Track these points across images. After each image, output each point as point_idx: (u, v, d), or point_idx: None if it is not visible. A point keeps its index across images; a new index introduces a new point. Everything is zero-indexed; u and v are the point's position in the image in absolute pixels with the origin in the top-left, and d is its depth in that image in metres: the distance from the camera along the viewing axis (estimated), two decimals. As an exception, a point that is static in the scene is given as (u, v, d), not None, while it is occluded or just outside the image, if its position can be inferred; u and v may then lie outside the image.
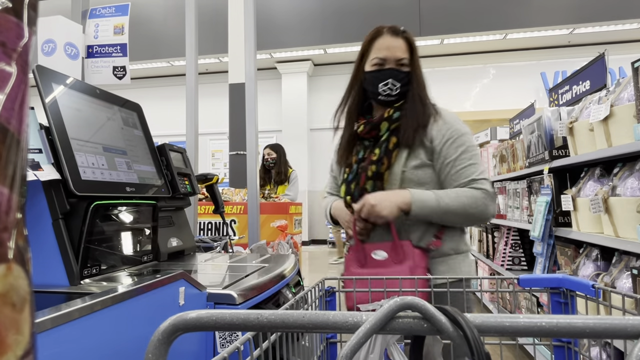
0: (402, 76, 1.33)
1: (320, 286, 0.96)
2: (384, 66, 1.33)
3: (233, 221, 3.12)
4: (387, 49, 1.32)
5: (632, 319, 0.37)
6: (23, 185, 0.26)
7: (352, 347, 0.38)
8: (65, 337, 0.66)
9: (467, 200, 1.24)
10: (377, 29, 1.37)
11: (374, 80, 1.34)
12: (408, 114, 1.32)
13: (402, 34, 1.34)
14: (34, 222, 0.94)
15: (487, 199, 1.26)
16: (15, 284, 0.25)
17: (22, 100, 0.26)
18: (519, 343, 1.02)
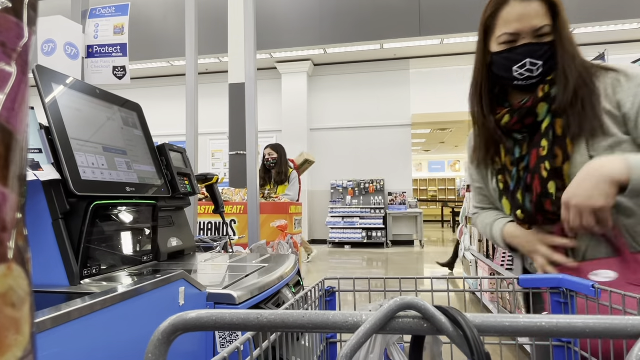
0: (542, 51, 1.01)
1: (320, 286, 0.96)
2: (517, 43, 1.03)
3: (233, 221, 3.12)
4: (518, 20, 1.01)
5: (632, 319, 0.37)
6: (23, 185, 0.26)
7: (352, 347, 0.38)
8: (65, 337, 0.66)
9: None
10: None
11: (506, 63, 1.06)
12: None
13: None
14: (34, 222, 0.94)
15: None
16: (15, 284, 0.25)
17: (22, 100, 0.26)
18: (519, 343, 1.02)
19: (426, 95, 9.71)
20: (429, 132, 12.74)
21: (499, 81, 1.13)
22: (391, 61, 9.76)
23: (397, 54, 9.37)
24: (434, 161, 20.07)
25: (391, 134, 9.79)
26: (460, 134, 12.83)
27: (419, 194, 19.25)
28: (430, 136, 13.74)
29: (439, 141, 14.99)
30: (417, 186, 19.46)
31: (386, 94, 9.87)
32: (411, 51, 9.18)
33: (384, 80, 9.85)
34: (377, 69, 9.80)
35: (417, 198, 11.17)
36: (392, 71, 9.81)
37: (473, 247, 4.82)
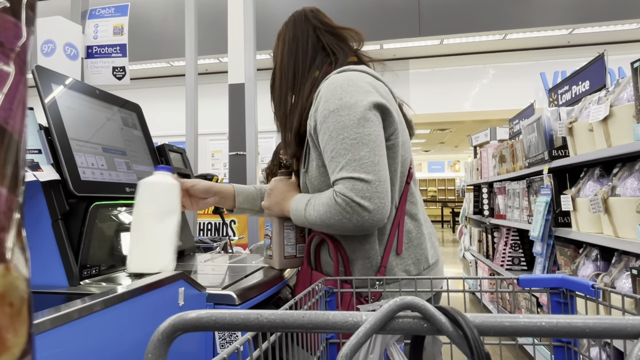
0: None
1: (320, 286, 0.96)
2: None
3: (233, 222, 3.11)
4: None
5: (631, 319, 0.37)
6: (21, 186, 0.26)
7: (352, 347, 0.38)
8: (65, 337, 0.66)
9: (324, 211, 0.97)
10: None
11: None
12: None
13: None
14: (33, 223, 0.94)
15: (344, 207, 0.93)
16: (14, 284, 0.25)
17: (21, 100, 0.26)
18: (519, 343, 1.02)
19: (426, 95, 9.71)
20: (428, 132, 12.74)
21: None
22: (391, 61, 9.76)
23: (396, 54, 9.38)
24: (433, 161, 20.07)
25: (391, 134, 9.78)
26: (460, 134, 12.83)
27: (418, 194, 19.22)
28: (430, 136, 13.75)
29: (439, 141, 14.99)
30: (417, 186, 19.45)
31: (386, 94, 9.86)
32: (411, 51, 9.18)
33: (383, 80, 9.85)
34: (376, 69, 9.80)
35: (417, 198, 11.16)
36: (392, 71, 9.80)
37: (473, 247, 4.82)
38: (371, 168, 0.93)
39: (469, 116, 9.54)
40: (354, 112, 0.96)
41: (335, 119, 0.97)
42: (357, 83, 1.01)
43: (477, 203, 4.42)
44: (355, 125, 0.95)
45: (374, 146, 0.95)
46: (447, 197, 19.32)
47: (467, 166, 5.32)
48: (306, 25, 1.18)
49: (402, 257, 1.07)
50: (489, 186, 4.08)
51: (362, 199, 0.92)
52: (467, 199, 5.23)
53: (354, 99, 0.97)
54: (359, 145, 0.94)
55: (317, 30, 1.17)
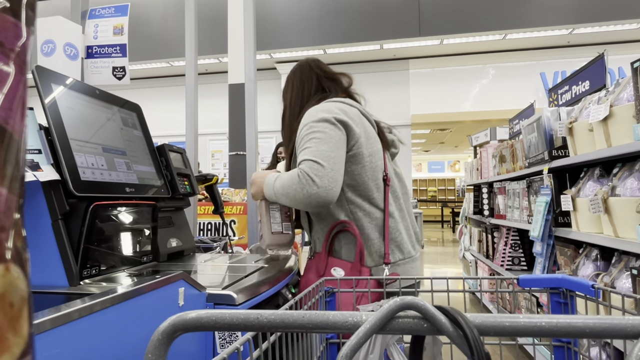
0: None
1: (320, 286, 0.96)
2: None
3: (233, 222, 3.11)
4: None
5: (631, 319, 0.37)
6: (21, 186, 0.26)
7: (352, 347, 0.38)
8: (65, 338, 0.66)
9: (286, 180, 1.26)
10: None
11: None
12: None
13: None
14: (33, 223, 0.94)
15: (302, 177, 1.21)
16: (14, 284, 0.25)
17: (21, 100, 0.26)
18: (519, 343, 1.02)
19: (426, 96, 9.71)
20: (428, 132, 12.74)
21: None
22: (391, 61, 9.76)
23: (396, 54, 9.38)
24: (433, 161, 20.07)
25: (391, 134, 9.78)
26: (460, 134, 12.84)
27: (418, 194, 19.25)
28: (430, 136, 13.75)
29: (439, 141, 14.99)
30: (417, 186, 19.47)
31: (386, 94, 9.87)
32: (411, 51, 9.18)
33: (383, 81, 9.85)
34: (376, 69, 9.80)
35: (416, 198, 11.18)
36: (392, 71, 9.81)
37: (473, 247, 4.82)
38: (327, 158, 1.22)
39: (469, 116, 9.54)
40: (321, 122, 1.29)
41: (307, 127, 1.30)
42: (328, 108, 1.33)
43: (477, 203, 4.42)
44: (320, 129, 1.27)
45: (332, 146, 1.25)
46: (447, 197, 19.32)
47: (467, 166, 5.32)
48: (310, 73, 1.52)
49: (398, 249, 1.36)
50: (489, 186, 4.08)
51: (315, 176, 1.20)
52: (467, 199, 5.23)
53: (321, 115, 1.30)
54: (321, 142, 1.25)
55: (319, 77, 1.52)
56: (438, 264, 7.60)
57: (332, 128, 1.28)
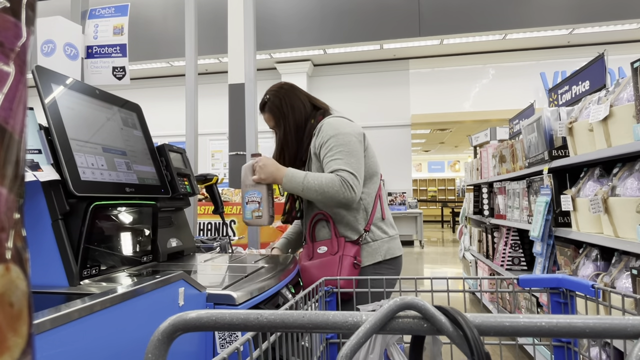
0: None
1: (320, 286, 0.96)
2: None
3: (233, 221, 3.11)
4: (265, 122, 1.76)
5: (631, 319, 0.37)
6: (21, 186, 0.26)
7: (352, 347, 0.38)
8: (65, 338, 0.66)
9: (325, 181, 1.48)
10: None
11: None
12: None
13: (262, 109, 1.74)
14: (33, 223, 0.94)
15: (343, 183, 1.48)
16: (14, 284, 0.25)
17: (20, 100, 0.26)
18: (519, 343, 1.02)
19: (426, 96, 9.72)
20: (428, 132, 12.75)
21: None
22: (391, 61, 9.76)
23: (396, 54, 9.38)
24: (433, 161, 20.07)
25: (391, 134, 9.79)
26: (460, 134, 12.84)
27: (418, 194, 19.25)
28: (430, 136, 13.75)
29: (439, 141, 15.00)
30: (417, 186, 19.46)
31: (386, 94, 9.87)
32: (411, 51, 9.19)
33: (383, 81, 9.86)
34: (376, 69, 9.80)
35: (416, 198, 11.17)
36: (392, 71, 9.81)
37: (473, 247, 4.82)
38: (358, 170, 1.51)
39: (469, 116, 9.54)
40: (349, 137, 1.55)
41: (335, 139, 1.54)
42: (345, 122, 1.62)
43: (477, 203, 4.42)
44: (346, 142, 1.53)
45: (358, 158, 1.54)
46: (447, 197, 19.32)
47: (467, 166, 5.32)
48: (298, 94, 1.72)
49: (386, 221, 1.66)
50: (489, 186, 4.08)
51: (354, 186, 1.48)
52: (467, 199, 5.23)
53: (346, 130, 1.57)
54: (350, 155, 1.52)
55: (308, 96, 1.75)
56: (438, 264, 7.60)
57: (356, 142, 1.55)
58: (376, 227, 1.61)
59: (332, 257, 1.52)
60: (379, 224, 1.62)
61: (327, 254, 1.54)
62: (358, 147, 1.55)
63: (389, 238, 1.63)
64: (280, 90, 1.71)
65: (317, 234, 1.64)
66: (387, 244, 1.61)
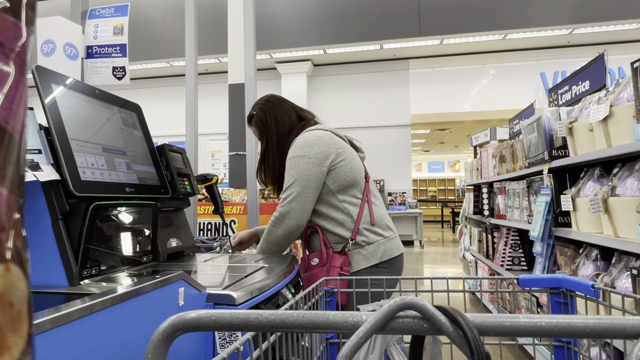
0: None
1: (320, 286, 0.96)
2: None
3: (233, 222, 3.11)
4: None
5: (632, 319, 0.37)
6: (21, 186, 0.26)
7: (352, 347, 0.38)
8: (65, 338, 0.66)
9: (268, 231, 1.61)
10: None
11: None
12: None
13: (249, 122, 1.81)
14: (33, 223, 0.94)
15: (273, 221, 1.59)
16: (13, 284, 0.25)
17: (20, 100, 0.26)
18: (519, 343, 1.02)
19: (426, 96, 9.72)
20: (428, 132, 12.75)
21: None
22: (391, 61, 9.76)
23: (396, 54, 9.38)
24: (433, 161, 20.07)
25: (391, 134, 9.79)
26: (460, 134, 12.84)
27: (418, 194, 19.25)
28: (430, 136, 13.75)
29: (439, 141, 15.00)
30: (417, 186, 19.46)
31: (386, 94, 9.87)
32: (411, 51, 9.19)
33: (383, 81, 9.86)
34: (376, 69, 9.80)
35: (416, 198, 11.17)
36: (392, 71, 9.81)
37: (473, 247, 4.82)
38: (297, 196, 1.55)
39: (469, 116, 9.54)
40: (301, 160, 1.57)
41: (290, 162, 1.60)
42: (310, 140, 1.60)
43: (477, 203, 4.42)
44: (297, 167, 1.57)
45: (305, 183, 1.56)
46: (447, 197, 19.32)
47: (467, 166, 5.32)
48: (284, 107, 1.76)
49: (379, 224, 1.64)
50: (489, 186, 4.08)
51: (278, 218, 1.57)
52: (467, 199, 5.23)
53: (302, 151, 1.58)
54: (297, 181, 1.56)
55: (296, 110, 1.78)
56: (438, 264, 7.60)
57: (306, 165, 1.56)
58: (368, 231, 1.61)
59: (322, 269, 1.56)
60: (371, 228, 1.62)
61: (318, 265, 1.59)
62: (309, 169, 1.56)
63: (385, 239, 1.63)
64: (266, 103, 1.77)
65: (313, 245, 1.68)
66: (382, 245, 1.61)
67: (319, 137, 1.61)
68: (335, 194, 1.61)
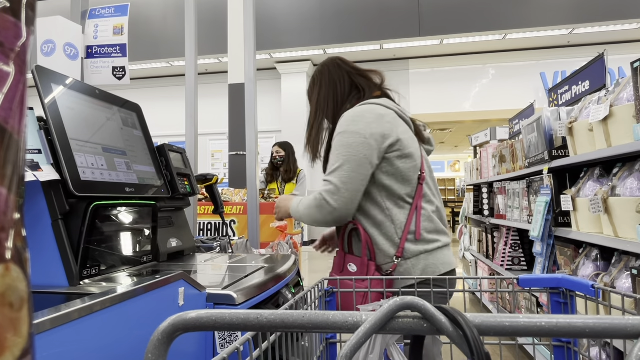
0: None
1: (320, 286, 0.96)
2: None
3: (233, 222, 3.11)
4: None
5: (631, 319, 0.37)
6: (21, 186, 0.26)
7: (352, 347, 0.38)
8: (65, 338, 0.66)
9: (307, 206, 1.38)
10: None
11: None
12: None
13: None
14: (33, 223, 0.94)
15: (320, 202, 1.33)
16: (14, 284, 0.25)
17: (20, 100, 0.26)
18: (519, 343, 1.02)
19: (426, 96, 9.71)
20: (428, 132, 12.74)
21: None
22: (391, 61, 9.76)
23: (396, 54, 9.37)
24: (433, 161, 20.01)
25: (391, 134, 9.77)
26: (460, 134, 12.83)
27: (418, 194, 19.21)
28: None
29: (439, 141, 14.99)
30: (417, 186, 19.43)
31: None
32: (411, 51, 9.18)
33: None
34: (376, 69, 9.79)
35: (417, 198, 11.15)
36: (392, 71, 9.80)
37: (473, 247, 4.82)
38: (346, 180, 1.29)
39: (469, 116, 9.53)
40: (354, 137, 1.32)
41: (339, 138, 1.34)
42: (363, 115, 1.35)
43: (477, 203, 4.42)
44: (349, 146, 1.31)
45: (355, 165, 1.30)
46: (447, 197, 19.31)
47: (467, 166, 5.32)
48: (341, 72, 1.51)
49: (420, 242, 1.33)
50: (489, 186, 4.08)
51: (331, 199, 1.30)
52: (467, 199, 5.23)
53: (357, 127, 1.33)
54: (347, 161, 1.30)
55: (351, 75, 1.51)
56: (438, 264, 7.58)
57: (359, 145, 1.30)
58: (411, 244, 1.32)
59: (359, 285, 1.18)
60: (415, 241, 1.33)
61: (356, 274, 1.33)
62: (361, 150, 1.29)
63: (427, 253, 1.33)
64: (322, 68, 1.55)
65: (353, 245, 1.41)
66: (423, 261, 1.31)
67: (379, 115, 1.35)
68: (381, 190, 1.35)
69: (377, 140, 1.31)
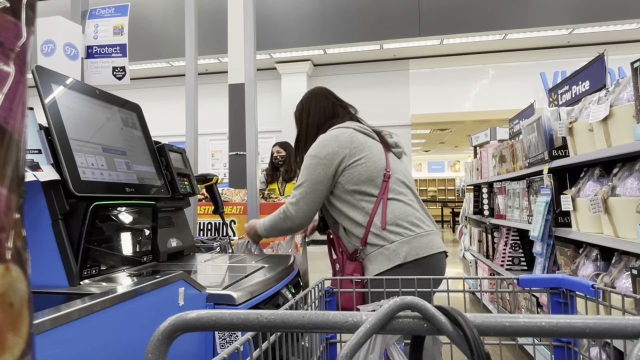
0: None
1: (320, 286, 0.96)
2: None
3: (233, 222, 3.11)
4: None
5: (632, 319, 0.37)
6: (21, 186, 0.26)
7: (352, 347, 0.38)
8: (65, 337, 0.66)
9: (275, 214, 1.66)
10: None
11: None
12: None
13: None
14: (33, 223, 0.94)
15: (285, 211, 1.61)
16: (14, 284, 0.25)
17: (20, 100, 0.26)
18: (519, 343, 1.02)
19: (426, 96, 9.71)
20: (428, 132, 12.74)
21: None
22: (391, 61, 9.76)
23: (396, 54, 9.38)
24: (433, 161, 20.06)
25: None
26: (460, 134, 12.83)
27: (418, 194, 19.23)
28: (430, 136, 13.74)
29: (439, 141, 14.99)
30: (417, 186, 19.37)
31: (386, 94, 9.87)
32: (411, 51, 9.18)
33: (383, 81, 9.85)
34: (376, 70, 9.80)
35: (417, 198, 11.15)
36: (392, 71, 9.81)
37: (473, 247, 4.82)
38: (304, 194, 1.58)
39: (469, 116, 9.53)
40: (313, 160, 1.59)
41: (305, 160, 1.62)
42: (323, 139, 1.62)
43: (477, 203, 4.42)
44: (309, 167, 1.59)
45: (313, 183, 1.57)
46: (447, 197, 19.31)
47: (467, 166, 5.32)
48: (327, 101, 1.79)
49: (386, 230, 1.50)
50: (489, 186, 4.08)
51: (286, 212, 1.61)
52: (467, 199, 5.23)
53: (315, 151, 1.60)
54: (306, 181, 1.58)
55: (334, 106, 1.79)
56: (438, 264, 7.58)
57: (316, 166, 1.57)
58: (388, 232, 1.49)
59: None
60: (389, 227, 1.50)
61: (338, 272, 1.60)
62: (318, 169, 1.56)
63: (410, 237, 1.48)
64: (309, 95, 1.82)
65: (333, 250, 1.68)
66: (407, 244, 1.47)
67: (334, 137, 1.60)
68: (352, 194, 1.55)
69: (329, 158, 1.57)
